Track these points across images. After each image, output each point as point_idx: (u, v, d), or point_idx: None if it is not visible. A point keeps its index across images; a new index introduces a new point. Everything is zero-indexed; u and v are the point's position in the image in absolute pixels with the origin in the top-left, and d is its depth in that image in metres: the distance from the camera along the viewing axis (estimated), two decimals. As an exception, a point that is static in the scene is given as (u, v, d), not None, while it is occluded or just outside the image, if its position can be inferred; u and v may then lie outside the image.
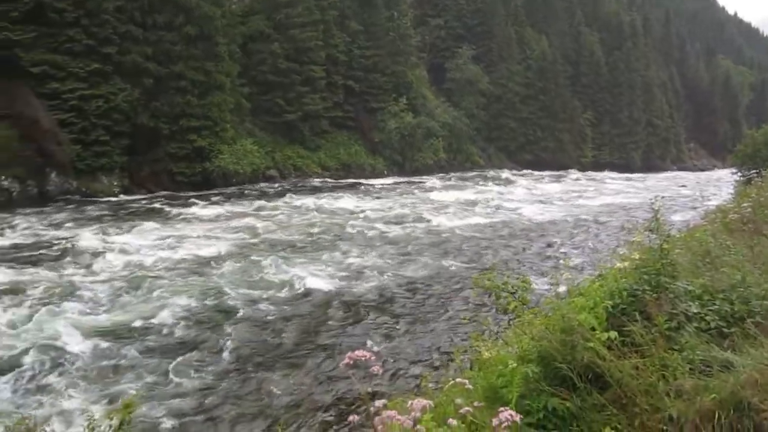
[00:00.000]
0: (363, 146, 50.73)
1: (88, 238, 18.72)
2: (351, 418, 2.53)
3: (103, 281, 13.79)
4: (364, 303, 12.31)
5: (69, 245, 17.76)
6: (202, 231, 20.25)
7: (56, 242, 18.63)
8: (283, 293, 12.85)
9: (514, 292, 5.74)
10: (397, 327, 10.91)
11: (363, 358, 2.20)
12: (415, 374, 8.56)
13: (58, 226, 21.79)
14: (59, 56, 31.86)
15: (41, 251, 17.24)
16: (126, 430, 4.17)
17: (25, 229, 20.90)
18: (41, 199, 29.86)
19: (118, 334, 10.21)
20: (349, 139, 50.50)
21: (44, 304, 11.71)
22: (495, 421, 2.45)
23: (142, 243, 18.14)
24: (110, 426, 4.13)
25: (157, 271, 14.53)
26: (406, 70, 55.73)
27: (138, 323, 10.61)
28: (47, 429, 3.99)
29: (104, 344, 9.67)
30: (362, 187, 38.78)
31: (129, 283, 13.47)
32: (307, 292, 12.87)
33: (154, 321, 10.72)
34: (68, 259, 16.21)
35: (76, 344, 9.52)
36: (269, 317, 11.28)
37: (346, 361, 2.23)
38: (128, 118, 34.11)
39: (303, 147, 46.05)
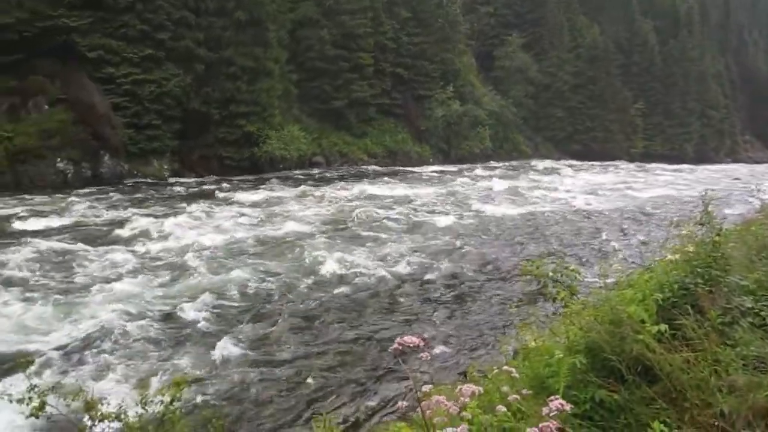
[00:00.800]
0: (409, 133, 50.66)
1: (139, 219, 19.19)
2: (399, 404, 2.56)
3: (154, 261, 14.15)
4: (408, 290, 12.34)
5: (121, 226, 18.25)
6: (249, 215, 20.55)
7: (108, 222, 19.17)
8: (328, 278, 12.97)
9: (563, 282, 5.70)
10: (442, 314, 10.92)
11: (411, 344, 2.23)
12: (460, 362, 8.58)
13: (110, 207, 22.39)
14: (114, 41, 32.59)
15: (94, 231, 17.77)
16: (176, 406, 4.30)
17: (80, 209, 21.53)
18: (94, 181, 30.70)
19: (166, 313, 10.47)
20: (395, 127, 50.50)
21: (98, 282, 12.09)
22: (545, 410, 2.46)
23: (191, 225, 18.53)
24: (162, 402, 4.27)
25: (205, 253, 14.82)
26: (454, 58, 55.37)
27: (186, 304, 10.83)
28: (104, 401, 4.14)
29: (154, 322, 9.94)
30: (407, 174, 38.77)
31: (178, 265, 13.79)
32: (352, 278, 12.96)
33: (200, 302, 10.93)
34: (120, 239, 16.69)
35: (129, 321, 9.81)
36: (313, 301, 11.40)
37: (395, 346, 2.26)
38: (179, 103, 34.72)
39: (349, 134, 46.26)
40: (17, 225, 18.77)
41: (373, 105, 48.03)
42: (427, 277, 13.35)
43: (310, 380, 8.07)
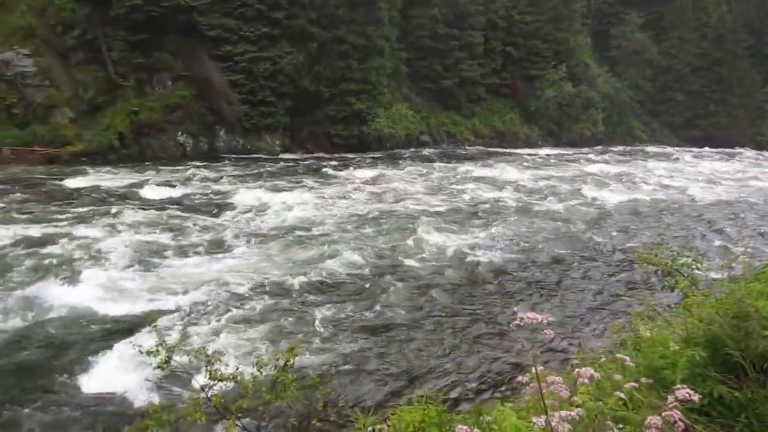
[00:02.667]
0: (518, 114, 49.63)
1: (251, 192, 19.97)
2: (519, 378, 2.53)
3: (265, 233, 14.70)
4: (514, 273, 12.19)
5: (234, 198, 19.05)
6: (356, 191, 20.90)
7: (223, 194, 20.06)
8: (433, 256, 13.00)
9: (683, 272, 5.44)
10: (547, 298, 10.73)
11: (534, 321, 2.20)
12: (564, 347, 8.41)
13: (225, 179, 23.40)
14: (233, 21, 33.74)
15: (210, 201, 18.64)
16: (289, 371, 4.46)
17: (198, 180, 22.66)
18: (211, 155, 32.18)
19: (276, 282, 10.85)
20: (504, 107, 49.60)
21: (213, 250, 12.71)
22: (670, 398, 2.36)
23: (300, 200, 19.07)
24: (275, 366, 4.44)
25: (314, 227, 15.23)
26: (568, 37, 53.44)
27: (294, 274, 11.20)
28: (222, 360, 4.36)
29: (265, 291, 10.34)
30: (515, 156, 38.06)
31: (288, 237, 14.26)
32: (457, 257, 12.93)
33: (308, 274, 11.26)
34: (233, 210, 17.44)
35: (241, 288, 10.26)
36: (418, 279, 11.47)
37: (517, 322, 2.23)
38: (292, 80, 35.56)
39: (457, 113, 45.89)
40: (142, 193, 20.02)
41: (482, 85, 47.35)
42: (534, 260, 13.12)
43: (412, 355, 8.15)
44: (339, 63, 36.82)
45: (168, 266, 11.50)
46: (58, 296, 9.70)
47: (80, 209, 17.14)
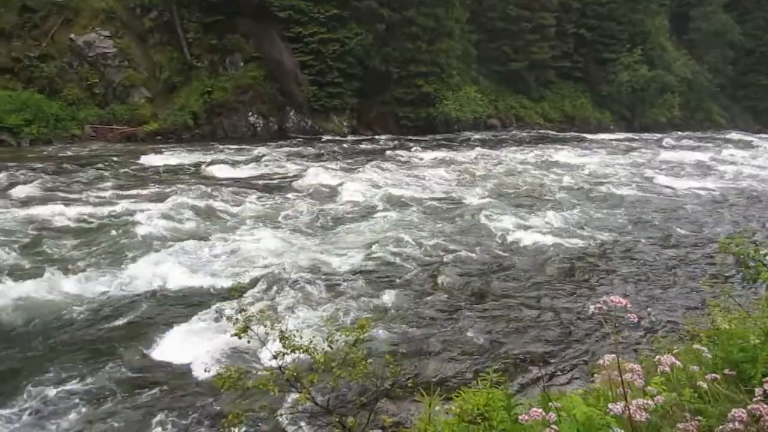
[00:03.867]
0: (589, 98, 48.43)
1: (319, 172, 20.23)
2: (590, 364, 2.51)
3: (331, 212, 14.90)
4: (582, 260, 11.95)
5: (302, 177, 19.36)
6: (422, 174, 20.88)
7: (291, 173, 20.42)
8: (497, 241, 12.88)
9: (766, 262, 5.23)
10: (618, 286, 10.49)
11: (618, 304, 2.17)
12: (636, 338, 8.23)
13: (294, 159, 23.81)
14: (303, 2, 34.04)
15: (278, 181, 19.00)
16: (358, 347, 4.54)
17: (268, 160, 23.10)
18: (280, 135, 32.75)
19: (343, 261, 10.99)
20: (575, 91, 48.50)
21: (279, 229, 12.98)
22: (758, 391, 2.29)
23: (367, 180, 19.21)
24: (345, 342, 4.52)
25: (379, 209, 15.31)
26: (645, 19, 51.57)
27: (360, 254, 11.32)
28: (295, 334, 4.47)
29: (331, 268, 10.50)
30: (586, 141, 37.21)
31: (353, 216, 14.41)
32: (523, 243, 12.76)
33: (372, 254, 11.35)
34: (301, 189, 17.74)
35: (308, 265, 10.44)
36: (482, 263, 11.40)
37: (598, 305, 2.21)
38: (361, 62, 35.67)
39: (526, 97, 45.17)
40: (213, 171, 20.59)
41: (553, 68, 46.40)
42: (604, 247, 12.84)
43: (475, 338, 8.13)
44: (408, 44, 36.68)
45: (237, 243, 11.81)
46: (131, 268, 10.11)
47: (154, 186, 17.78)
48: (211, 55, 33.67)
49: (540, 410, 2.30)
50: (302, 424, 5.57)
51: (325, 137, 33.29)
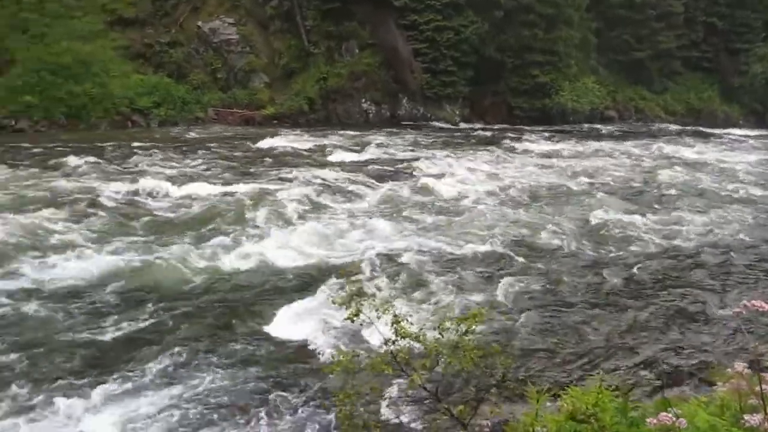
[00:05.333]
0: (717, 91, 45.54)
1: (429, 160, 20.29)
2: (732, 367, 2.37)
3: (439, 200, 14.92)
4: (703, 261, 11.26)
5: (412, 165, 19.48)
6: (536, 165, 20.49)
7: (402, 161, 20.58)
8: (611, 237, 12.41)
9: None
10: (742, 292, 9.88)
11: (761, 309, 2.05)
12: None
13: (407, 146, 23.98)
14: (419, -11, 34.04)
15: (390, 168, 19.22)
16: (470, 338, 4.53)
17: (379, 146, 23.41)
18: (392, 122, 33.04)
19: (451, 251, 10.98)
20: (702, 83, 45.72)
21: (389, 215, 13.15)
22: None
23: (478, 170, 19.07)
24: (456, 331, 4.52)
25: (489, 199, 15.16)
26: (783, 6, 47.88)
27: (468, 245, 11.25)
28: (408, 319, 4.51)
29: (439, 256, 10.51)
30: (712, 136, 35.07)
31: (462, 205, 14.35)
32: (637, 240, 12.22)
33: (482, 246, 11.26)
34: (411, 176, 17.85)
35: (417, 254, 10.52)
36: (595, 259, 11.05)
37: (738, 309, 2.10)
38: (475, 50, 35.27)
39: (648, 88, 43.07)
40: (327, 156, 21.15)
41: (678, 58, 43.93)
42: (729, 250, 12.04)
43: (586, 336, 7.91)
44: (524, 32, 35.84)
45: (352, 227, 12.10)
46: (247, 247, 10.57)
47: (273, 168, 18.48)
48: (328, 41, 34.33)
49: (670, 414, 2.22)
50: (410, 408, 5.65)
51: (437, 125, 33.26)
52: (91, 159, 18.03)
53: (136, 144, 21.78)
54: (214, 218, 12.60)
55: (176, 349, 6.92)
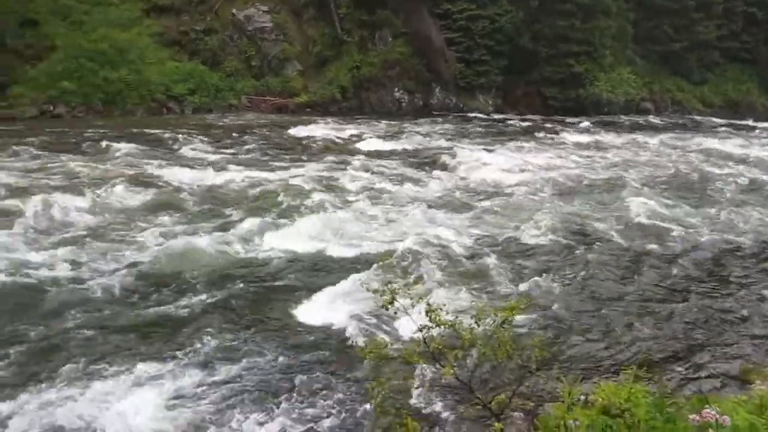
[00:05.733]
0: (756, 83, 44.47)
1: (462, 150, 20.22)
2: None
3: (473, 191, 14.86)
4: (736, 260, 10.96)
5: (444, 154, 19.43)
6: (569, 156, 20.27)
7: (434, 150, 20.55)
8: (648, 232, 12.17)
9: None
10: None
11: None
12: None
13: (438, 136, 23.90)
14: (453, -22, 33.80)
15: (425, 157, 19.22)
16: (507, 329, 4.52)
17: (412, 135, 23.39)
18: (424, 111, 32.97)
19: (485, 241, 10.94)
20: (741, 74, 44.66)
21: (420, 204, 13.16)
22: None
23: (510, 161, 18.95)
24: (493, 321, 4.52)
25: (521, 189, 15.04)
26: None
27: (502, 236, 11.18)
28: (442, 308, 4.52)
29: (473, 246, 10.47)
30: (751, 129, 34.24)
31: (496, 197, 14.26)
32: (674, 236, 11.92)
33: (516, 237, 11.17)
34: (443, 165, 17.82)
35: (450, 243, 10.49)
36: (627, 253, 10.82)
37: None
38: (510, 39, 34.97)
39: (685, 80, 42.22)
40: (359, 144, 21.24)
41: (717, 49, 42.94)
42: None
43: (619, 331, 7.80)
44: (560, 22, 35.36)
45: (384, 215, 12.15)
46: (282, 234, 10.67)
47: (306, 156, 18.63)
48: (361, 30, 34.26)
49: (714, 411, 2.20)
50: (442, 397, 5.66)
51: (470, 115, 33.07)
52: (130, 145, 18.37)
53: (172, 131, 22.06)
54: (249, 204, 12.81)
55: (212, 333, 7.04)
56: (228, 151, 18.96)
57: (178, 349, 6.62)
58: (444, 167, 17.67)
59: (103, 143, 18.49)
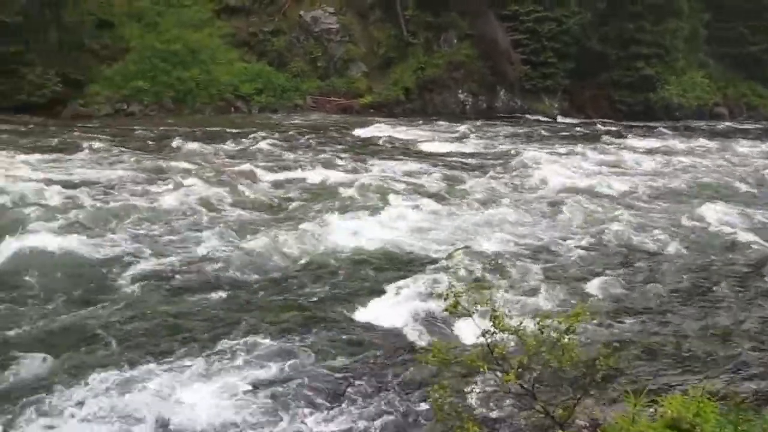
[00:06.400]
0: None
1: (526, 153, 19.98)
2: None
3: (537, 195, 14.68)
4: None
5: (509, 157, 19.26)
6: (637, 163, 19.76)
7: (499, 152, 20.42)
8: (718, 242, 11.66)
9: None
10: None
11: None
12: None
13: (502, 139, 23.72)
14: (524, -20, 33.41)
15: (490, 160, 19.11)
16: (570, 336, 4.44)
17: (475, 138, 23.30)
18: (488, 114, 32.75)
19: (547, 246, 10.75)
20: (824, 79, 42.67)
21: (484, 207, 13.09)
22: None
23: (575, 165, 18.62)
24: (558, 328, 4.44)
25: (585, 195, 14.69)
26: None
27: (564, 242, 10.99)
28: (507, 315, 4.48)
29: (537, 253, 10.32)
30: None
31: (557, 201, 13.99)
32: (747, 247, 11.45)
33: (579, 243, 10.93)
34: (509, 169, 17.68)
35: (513, 246, 10.40)
36: (698, 263, 10.42)
37: None
38: (577, 41, 34.40)
39: (762, 84, 40.57)
40: (422, 145, 21.31)
41: (797, 52, 41.14)
42: None
43: (687, 341, 7.55)
44: (629, 24, 34.53)
45: (449, 216, 12.16)
46: (344, 233, 10.74)
47: (369, 156, 18.79)
48: (427, 32, 34.26)
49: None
50: (503, 404, 5.60)
51: (534, 118, 32.65)
52: (198, 142, 19.02)
53: (241, 129, 22.66)
54: (313, 203, 13.00)
55: (269, 329, 7.09)
56: (295, 150, 19.39)
57: (232, 345, 6.70)
58: (510, 170, 17.51)
59: (175, 142, 19.15)
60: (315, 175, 15.53)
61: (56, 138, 19.51)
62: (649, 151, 22.60)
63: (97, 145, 18.07)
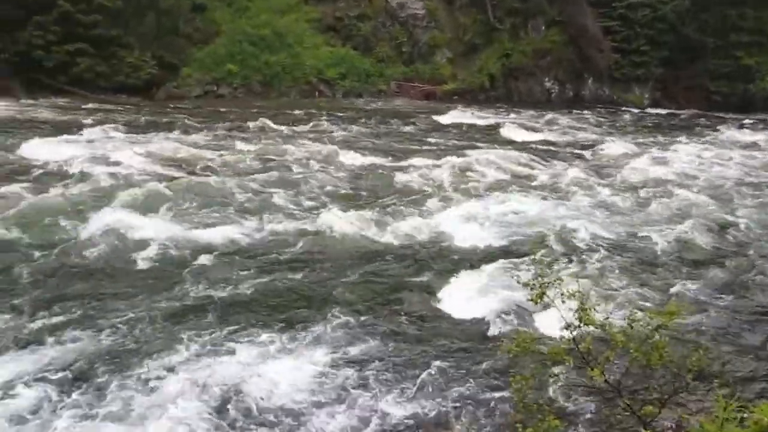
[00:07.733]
0: None
1: (614, 144, 19.43)
2: None
3: (622, 188, 14.19)
4: None
5: (595, 148, 18.76)
6: (731, 156, 18.79)
7: (584, 143, 19.86)
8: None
9: None
10: None
11: None
12: None
13: (591, 128, 23.09)
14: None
15: (577, 150, 18.66)
16: (661, 333, 4.28)
17: (561, 127, 22.76)
18: (574, 102, 31.93)
19: (631, 240, 10.43)
20: None
21: (577, 198, 12.75)
22: None
23: (666, 158, 17.92)
24: (648, 325, 4.29)
25: (675, 190, 14.12)
26: None
27: (650, 235, 10.60)
28: (595, 307, 4.34)
29: (620, 246, 10.00)
30: None
31: (644, 194, 13.56)
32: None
33: (664, 237, 10.53)
34: (594, 159, 17.22)
35: (593, 239, 10.11)
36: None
37: None
38: (673, 28, 33.00)
39: None
40: (504, 133, 21.01)
41: None
42: None
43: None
44: (730, 11, 32.75)
45: (533, 206, 11.99)
46: (423, 221, 10.74)
47: (454, 142, 18.70)
48: (513, 18, 33.65)
49: None
50: (586, 399, 5.49)
51: (624, 108, 31.61)
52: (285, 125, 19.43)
53: (329, 113, 22.97)
54: (393, 189, 13.06)
55: (346, 313, 7.18)
56: (376, 135, 19.49)
57: (309, 327, 6.82)
58: (595, 161, 17.07)
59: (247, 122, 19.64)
60: (396, 161, 15.59)
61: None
62: (745, 145, 21.50)
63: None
